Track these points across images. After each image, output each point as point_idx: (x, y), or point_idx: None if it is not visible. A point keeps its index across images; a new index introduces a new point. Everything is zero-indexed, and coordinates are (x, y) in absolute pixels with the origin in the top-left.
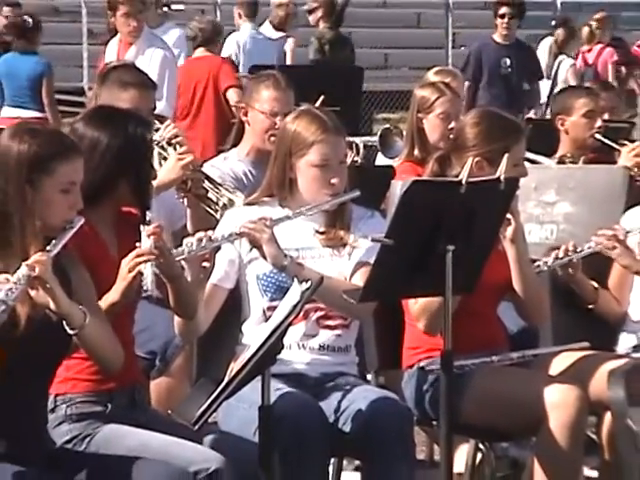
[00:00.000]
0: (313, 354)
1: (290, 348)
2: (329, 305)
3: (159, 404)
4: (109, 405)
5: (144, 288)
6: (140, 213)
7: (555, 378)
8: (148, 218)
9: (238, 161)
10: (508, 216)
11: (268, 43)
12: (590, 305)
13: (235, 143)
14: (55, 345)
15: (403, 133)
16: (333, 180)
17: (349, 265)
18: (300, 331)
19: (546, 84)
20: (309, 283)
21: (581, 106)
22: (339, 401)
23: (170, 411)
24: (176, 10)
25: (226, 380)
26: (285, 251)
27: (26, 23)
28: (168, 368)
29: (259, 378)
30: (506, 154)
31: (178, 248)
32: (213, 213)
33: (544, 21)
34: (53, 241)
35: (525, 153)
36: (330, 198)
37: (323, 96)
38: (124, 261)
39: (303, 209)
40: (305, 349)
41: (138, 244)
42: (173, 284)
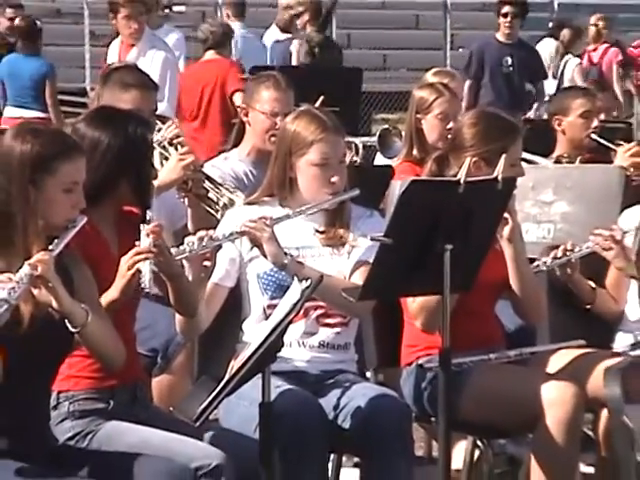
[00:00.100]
0: (313, 352)
1: (290, 346)
2: (329, 303)
3: (161, 401)
4: (111, 402)
5: (142, 286)
6: (141, 212)
7: (552, 375)
8: (148, 217)
9: (239, 161)
10: (506, 215)
11: (258, 42)
12: (588, 305)
13: (236, 143)
14: (58, 343)
15: (402, 133)
16: (333, 179)
17: (348, 264)
18: (300, 329)
19: (552, 83)
20: (309, 282)
21: (578, 107)
22: (338, 398)
23: (171, 408)
24: (177, 12)
25: (227, 377)
26: (285, 250)
27: (34, 26)
28: (169, 366)
29: (259, 375)
30: (503, 154)
31: (179, 247)
32: (214, 213)
33: (542, 22)
34: (55, 240)
35: (522, 153)
36: (330, 197)
37: (322, 96)
38: (123, 259)
39: (303, 208)
40: (305, 347)
41: (137, 242)
42: (173, 283)
